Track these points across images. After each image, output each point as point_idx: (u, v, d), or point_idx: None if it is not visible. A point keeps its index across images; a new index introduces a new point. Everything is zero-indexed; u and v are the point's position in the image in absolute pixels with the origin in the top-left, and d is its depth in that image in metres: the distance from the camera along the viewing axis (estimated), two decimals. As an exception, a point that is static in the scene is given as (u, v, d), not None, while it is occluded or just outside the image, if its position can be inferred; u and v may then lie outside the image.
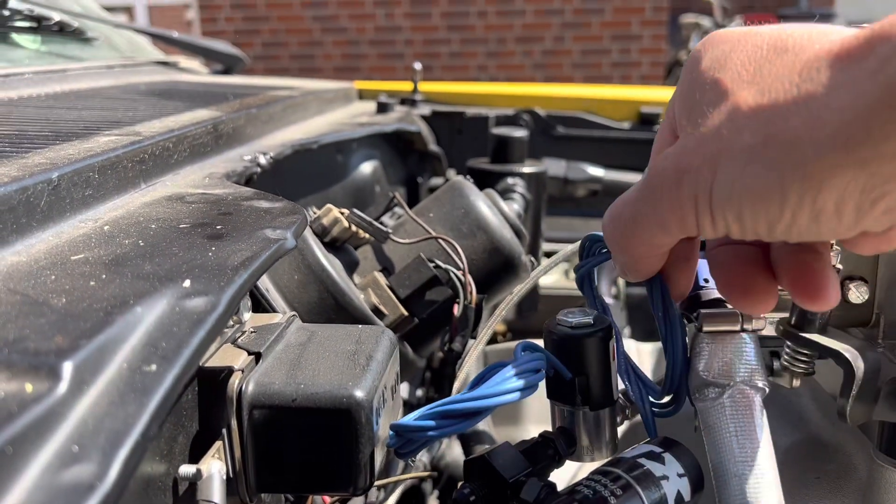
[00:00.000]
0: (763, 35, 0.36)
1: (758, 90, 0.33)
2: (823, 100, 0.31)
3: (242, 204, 0.53)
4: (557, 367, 0.50)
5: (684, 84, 0.38)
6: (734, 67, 0.35)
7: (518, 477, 0.46)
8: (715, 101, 0.35)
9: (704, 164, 0.34)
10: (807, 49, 0.33)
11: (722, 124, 0.34)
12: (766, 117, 0.32)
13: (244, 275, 0.41)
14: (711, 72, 0.36)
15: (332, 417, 0.42)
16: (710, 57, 0.37)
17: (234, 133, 0.73)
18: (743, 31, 0.37)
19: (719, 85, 0.35)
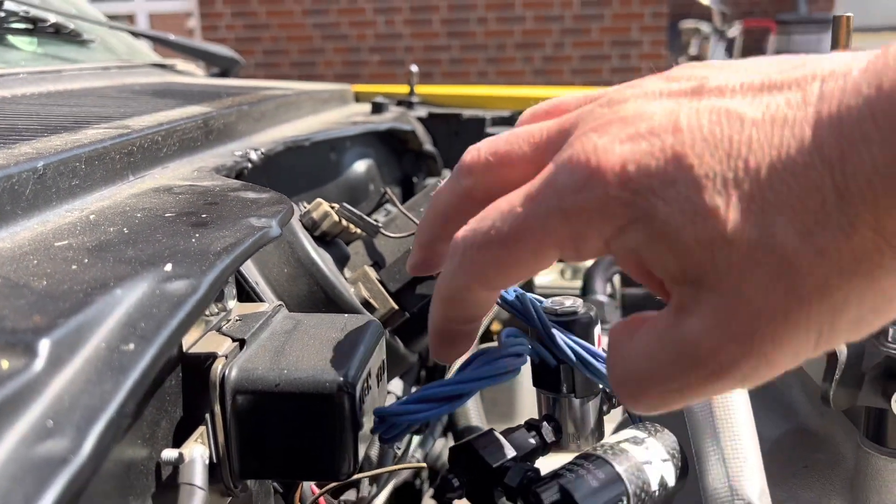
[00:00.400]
0: (718, 156, 0.28)
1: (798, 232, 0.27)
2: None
3: (229, 195, 0.54)
4: (542, 354, 0.50)
5: (652, 241, 0.30)
6: (734, 212, 0.28)
7: (503, 463, 0.46)
8: (742, 265, 0.28)
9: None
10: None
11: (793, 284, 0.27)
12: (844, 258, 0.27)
13: (226, 260, 0.41)
14: (703, 228, 0.28)
15: (316, 403, 0.42)
16: (678, 206, 0.29)
17: (226, 129, 0.73)
18: (678, 155, 0.29)
19: (737, 247, 0.28)
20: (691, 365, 0.29)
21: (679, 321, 0.29)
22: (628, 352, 0.32)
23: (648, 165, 0.29)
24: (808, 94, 0.28)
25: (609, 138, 0.31)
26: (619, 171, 0.30)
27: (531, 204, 0.32)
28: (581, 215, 0.31)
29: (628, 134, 0.30)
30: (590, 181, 0.30)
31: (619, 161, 0.30)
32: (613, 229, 0.30)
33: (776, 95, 0.29)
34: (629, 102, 0.32)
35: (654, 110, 0.31)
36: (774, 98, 0.29)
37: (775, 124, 0.28)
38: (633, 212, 0.30)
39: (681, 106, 0.30)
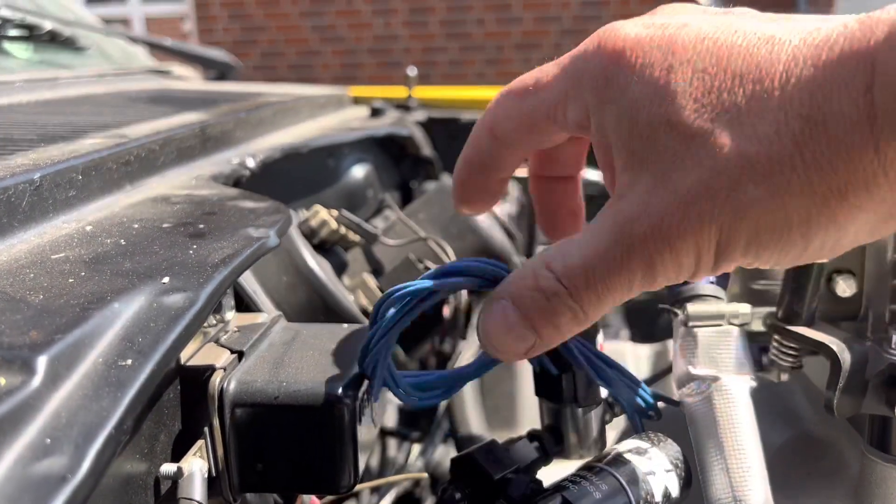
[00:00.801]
0: (700, 53, 0.31)
1: (736, 132, 0.29)
2: (826, 158, 0.28)
3: (227, 204, 0.53)
4: (544, 363, 0.50)
5: (614, 116, 0.32)
6: (688, 103, 0.30)
7: (505, 474, 0.46)
8: (681, 147, 0.30)
9: (703, 224, 0.30)
10: (770, 71, 0.29)
11: (708, 178, 0.29)
12: (765, 165, 0.29)
13: (224, 272, 0.41)
14: (658, 111, 0.31)
15: (315, 415, 0.42)
16: (646, 88, 0.31)
17: (223, 136, 0.73)
18: (665, 45, 0.32)
19: (680, 128, 0.30)
20: (615, 237, 0.31)
21: (616, 203, 0.32)
22: (570, 247, 0.33)
23: (642, 48, 0.32)
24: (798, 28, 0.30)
25: (625, 24, 0.33)
26: (614, 49, 0.32)
27: (550, 65, 0.36)
28: (577, 78, 0.34)
29: (643, 23, 0.33)
30: (594, 51, 0.33)
31: (620, 41, 0.33)
32: (594, 101, 0.33)
33: (780, 23, 0.31)
34: (667, 7, 0.35)
35: (681, 13, 0.33)
36: (779, 25, 0.31)
37: (762, 41, 0.30)
38: (612, 86, 0.32)
39: (705, 18, 0.32)
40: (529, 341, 0.35)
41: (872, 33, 0.27)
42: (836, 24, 0.29)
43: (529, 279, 0.34)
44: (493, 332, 0.35)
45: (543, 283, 0.33)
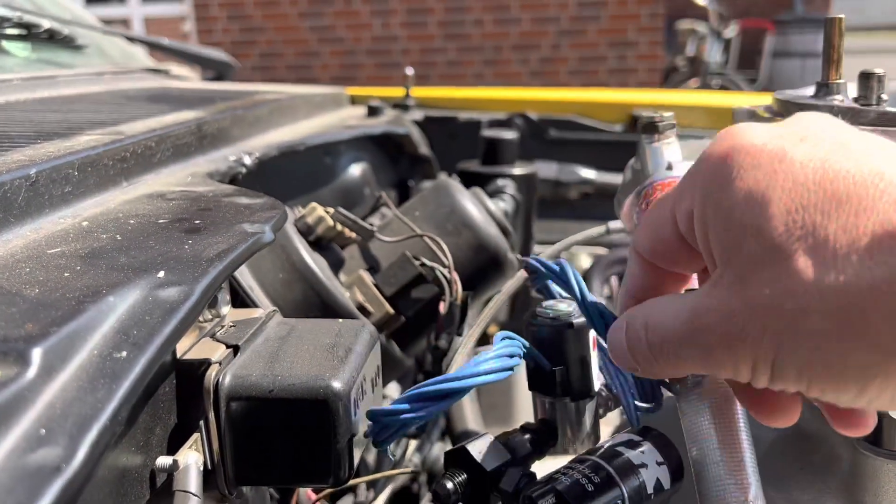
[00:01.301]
0: (806, 168, 0.31)
1: (818, 258, 0.29)
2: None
3: (223, 200, 0.54)
4: (537, 357, 0.50)
5: (713, 208, 0.33)
6: (780, 213, 0.30)
7: (498, 467, 0.46)
8: (763, 257, 0.30)
9: (763, 338, 0.30)
10: (868, 207, 0.29)
11: (779, 295, 0.30)
12: (836, 301, 0.28)
13: (219, 266, 0.41)
14: (751, 212, 0.31)
15: (310, 408, 0.42)
16: (745, 187, 0.32)
17: (219, 134, 0.73)
18: (776, 153, 0.32)
19: (766, 237, 0.30)
20: (694, 328, 0.33)
21: (705, 289, 0.33)
22: (656, 314, 0.35)
23: (755, 150, 0.32)
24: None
25: (751, 126, 0.34)
26: (731, 147, 0.33)
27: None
28: (693, 172, 0.35)
29: (768, 129, 0.34)
30: (711, 150, 0.34)
31: (738, 141, 0.33)
32: (700, 193, 0.34)
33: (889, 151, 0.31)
34: (794, 119, 0.35)
35: (803, 125, 0.34)
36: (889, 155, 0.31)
37: (876, 178, 0.30)
38: (718, 181, 0.33)
39: (830, 130, 0.33)
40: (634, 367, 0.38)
41: None
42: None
43: (629, 328, 0.37)
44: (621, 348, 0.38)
45: (634, 342, 0.37)
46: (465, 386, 0.41)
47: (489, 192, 1.12)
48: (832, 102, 0.54)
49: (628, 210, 0.59)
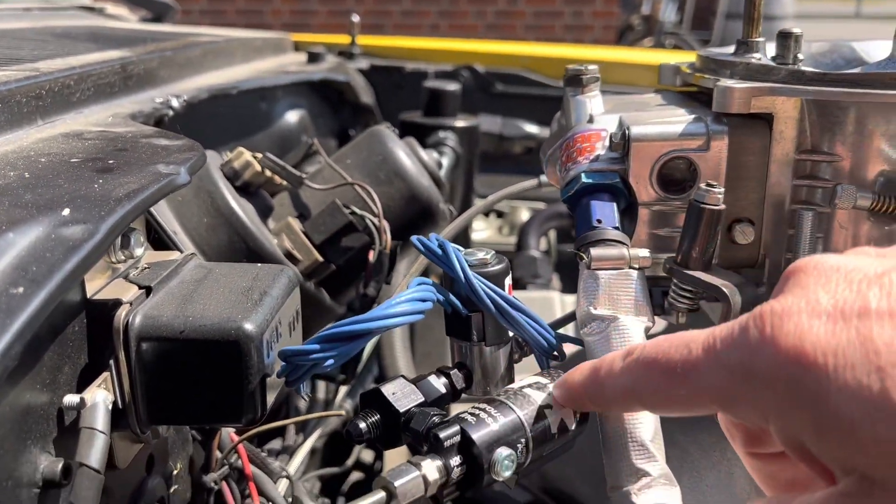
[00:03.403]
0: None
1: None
2: None
3: (140, 141, 0.53)
4: (454, 304, 0.51)
5: (811, 422, 0.28)
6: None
7: (410, 409, 0.47)
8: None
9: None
10: None
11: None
12: None
13: (128, 206, 0.41)
14: (881, 424, 0.26)
15: (220, 349, 0.42)
16: (849, 390, 0.27)
17: (146, 75, 0.72)
18: (861, 334, 0.27)
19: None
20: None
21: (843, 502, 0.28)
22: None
23: (827, 345, 0.27)
24: None
25: (791, 308, 0.29)
26: (792, 344, 0.28)
27: (706, 347, 0.31)
28: (745, 378, 0.29)
29: (812, 308, 0.29)
30: (762, 347, 0.29)
31: (793, 333, 0.28)
32: (775, 406, 0.29)
33: None
34: (813, 275, 0.30)
35: (841, 288, 0.29)
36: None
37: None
38: (799, 392, 0.28)
39: (870, 287, 0.28)
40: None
41: None
42: None
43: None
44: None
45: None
46: (374, 327, 0.41)
47: (430, 143, 1.12)
48: (749, 60, 0.56)
49: (551, 162, 0.60)
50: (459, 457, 0.42)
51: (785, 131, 0.52)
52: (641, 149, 0.53)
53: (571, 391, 0.41)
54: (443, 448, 0.41)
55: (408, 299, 0.44)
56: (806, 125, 0.52)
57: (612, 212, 0.53)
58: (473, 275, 0.49)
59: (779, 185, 0.53)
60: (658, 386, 0.34)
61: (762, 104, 0.51)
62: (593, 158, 0.55)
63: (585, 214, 0.53)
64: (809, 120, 0.51)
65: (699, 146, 0.52)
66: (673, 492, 0.42)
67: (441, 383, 0.50)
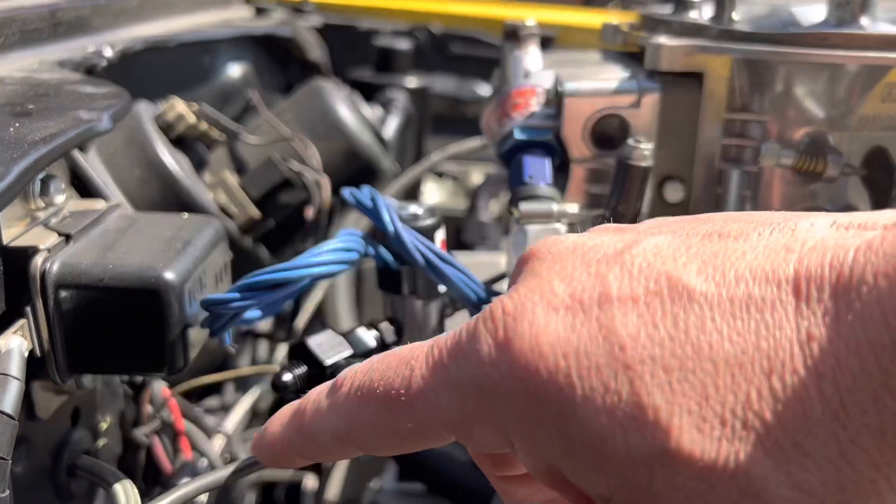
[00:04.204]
0: (666, 335, 0.22)
1: (782, 466, 0.21)
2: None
3: (65, 87, 0.51)
4: (385, 258, 0.51)
5: (560, 443, 0.23)
6: (687, 425, 0.21)
7: (337, 361, 0.47)
8: (698, 486, 0.22)
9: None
10: (803, 377, 0.21)
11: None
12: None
13: (42, 150, 0.40)
14: (638, 436, 0.22)
15: (140, 297, 0.42)
16: (595, 401, 0.22)
17: (77, 22, 0.69)
18: (604, 327, 0.23)
19: (683, 460, 0.22)
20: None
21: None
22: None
23: (567, 344, 0.23)
24: (779, 266, 0.22)
25: (525, 303, 0.24)
26: (528, 348, 0.24)
27: (431, 364, 0.26)
28: (479, 396, 0.25)
29: (547, 301, 0.24)
30: (496, 356, 0.24)
31: (528, 334, 0.24)
32: (518, 427, 0.24)
33: (734, 262, 0.23)
34: (547, 261, 0.26)
35: (578, 272, 0.25)
36: (732, 265, 0.23)
37: (736, 304, 0.22)
38: (542, 406, 0.23)
39: (610, 268, 0.24)
40: None
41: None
42: (820, 251, 0.22)
43: None
44: None
45: None
46: (294, 276, 0.41)
47: (379, 102, 1.11)
48: (684, 19, 0.56)
49: (487, 118, 0.60)
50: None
51: (715, 90, 0.52)
52: (574, 105, 0.53)
53: (273, 449, 0.32)
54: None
55: (332, 249, 0.43)
56: (736, 84, 0.52)
57: (545, 168, 0.53)
58: (403, 227, 0.49)
59: (709, 144, 0.54)
60: (378, 422, 0.28)
61: (693, 62, 0.52)
62: (528, 115, 0.55)
63: (518, 170, 0.53)
64: (739, 79, 0.52)
65: (631, 103, 0.53)
66: None
67: (371, 336, 0.51)
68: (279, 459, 0.32)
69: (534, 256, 0.27)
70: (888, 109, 0.50)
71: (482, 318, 0.25)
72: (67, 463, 0.48)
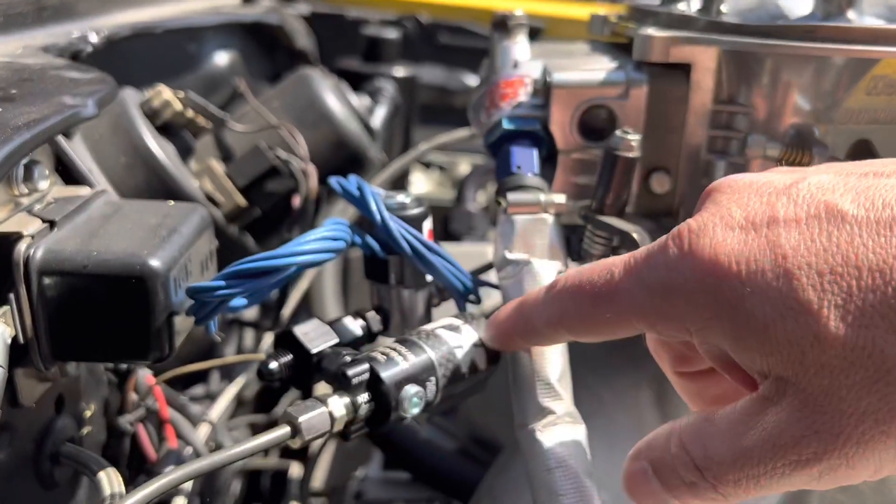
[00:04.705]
0: (822, 248, 0.28)
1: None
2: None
3: (49, 73, 0.51)
4: (372, 247, 0.51)
5: (729, 330, 0.29)
6: (831, 312, 0.27)
7: (323, 350, 0.47)
8: (843, 365, 0.27)
9: (891, 445, 0.27)
10: None
11: (889, 395, 0.27)
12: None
13: (25, 135, 0.39)
14: (793, 323, 0.28)
15: (125, 284, 0.42)
16: (762, 293, 0.28)
17: (62, 7, 0.69)
18: (770, 242, 0.29)
19: (834, 344, 0.27)
20: (773, 452, 0.29)
21: (765, 408, 0.29)
22: (710, 434, 0.31)
23: (740, 254, 0.29)
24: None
25: (707, 223, 0.30)
26: (707, 256, 0.30)
27: (627, 268, 0.33)
28: (666, 294, 0.31)
29: (725, 222, 0.30)
30: (680, 263, 0.30)
31: (709, 246, 0.30)
32: (696, 318, 0.30)
33: (883, 193, 0.28)
34: (727, 193, 0.32)
35: (752, 201, 0.31)
36: (881, 195, 0.28)
37: (882, 224, 0.27)
38: (717, 301, 0.29)
39: (779, 198, 0.30)
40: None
41: None
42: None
43: (668, 456, 0.32)
44: (635, 492, 0.34)
45: (680, 470, 0.32)
46: (280, 264, 0.41)
47: (366, 91, 1.11)
48: (672, 10, 0.56)
49: (475, 107, 0.60)
50: (368, 394, 0.42)
51: (702, 81, 0.52)
52: (562, 95, 0.53)
53: (500, 330, 0.42)
54: (351, 385, 0.42)
55: (318, 237, 0.43)
56: (723, 76, 0.52)
57: (532, 158, 0.53)
58: (391, 217, 0.49)
59: (696, 135, 0.54)
60: (585, 311, 0.35)
61: (680, 54, 0.52)
62: (516, 104, 0.55)
63: (505, 160, 0.53)
64: (727, 71, 0.52)
65: (619, 94, 0.53)
66: (578, 429, 0.44)
67: (357, 325, 0.51)
68: (503, 340, 0.42)
69: (715, 190, 0.33)
70: (873, 103, 0.50)
71: (671, 235, 0.31)
72: (51, 450, 0.48)
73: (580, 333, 0.36)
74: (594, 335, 0.36)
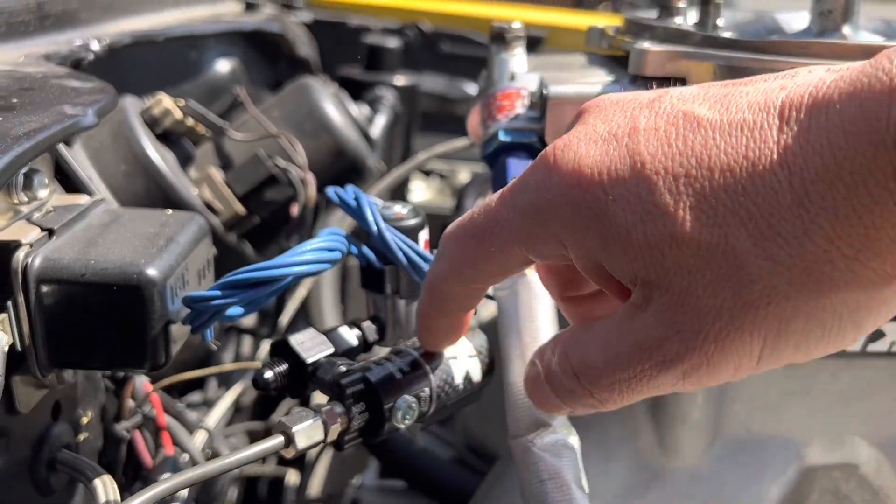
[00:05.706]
0: (677, 151, 0.29)
1: (759, 238, 0.27)
2: (866, 248, 0.26)
3: (50, 81, 0.51)
4: (369, 257, 0.51)
5: (598, 241, 0.30)
6: (686, 214, 0.28)
7: (318, 359, 0.47)
8: (698, 264, 0.28)
9: (745, 339, 0.28)
10: (778, 169, 0.27)
11: (740, 291, 0.28)
12: (801, 272, 0.27)
13: (25, 144, 0.40)
14: (651, 226, 0.29)
15: (122, 293, 0.42)
16: (622, 200, 0.29)
17: (65, 15, 0.69)
18: (628, 149, 0.30)
19: (689, 243, 0.28)
20: (640, 354, 0.30)
21: (635, 315, 0.30)
22: (586, 342, 0.33)
23: (601, 164, 0.30)
24: (771, 99, 0.28)
25: (572, 140, 0.31)
26: (571, 170, 0.31)
27: (502, 198, 0.34)
28: (537, 214, 0.32)
29: (590, 137, 0.31)
30: (547, 180, 0.31)
31: (573, 160, 0.31)
32: (567, 232, 0.31)
33: (737, 99, 0.29)
34: (594, 112, 0.33)
35: (616, 116, 0.32)
36: (735, 101, 0.29)
37: (733, 126, 0.28)
38: (584, 212, 0.30)
39: (641, 111, 0.31)
40: (563, 410, 0.36)
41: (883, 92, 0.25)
42: (805, 85, 0.27)
43: (553, 363, 0.34)
44: (533, 395, 0.37)
45: (561, 376, 0.34)
46: (277, 274, 0.41)
47: (367, 100, 1.11)
48: (669, 24, 0.57)
49: (473, 119, 0.60)
50: (362, 404, 0.42)
51: (698, 96, 0.53)
52: (558, 108, 0.53)
53: (422, 328, 0.42)
54: (345, 395, 0.42)
55: (315, 248, 0.44)
56: (718, 91, 0.53)
57: (528, 170, 0.54)
58: (387, 227, 0.50)
59: (691, 149, 0.54)
60: (473, 252, 0.35)
61: (676, 68, 0.52)
62: (513, 117, 0.56)
63: (501, 172, 0.54)
64: (722, 85, 0.53)
65: (614, 107, 0.53)
66: (571, 440, 0.44)
67: (353, 335, 0.51)
68: (425, 325, 0.41)
69: (583, 111, 0.34)
70: (867, 118, 0.51)
71: (539, 157, 0.32)
72: (47, 457, 0.48)
73: (477, 278, 0.36)
74: (490, 275, 0.36)
